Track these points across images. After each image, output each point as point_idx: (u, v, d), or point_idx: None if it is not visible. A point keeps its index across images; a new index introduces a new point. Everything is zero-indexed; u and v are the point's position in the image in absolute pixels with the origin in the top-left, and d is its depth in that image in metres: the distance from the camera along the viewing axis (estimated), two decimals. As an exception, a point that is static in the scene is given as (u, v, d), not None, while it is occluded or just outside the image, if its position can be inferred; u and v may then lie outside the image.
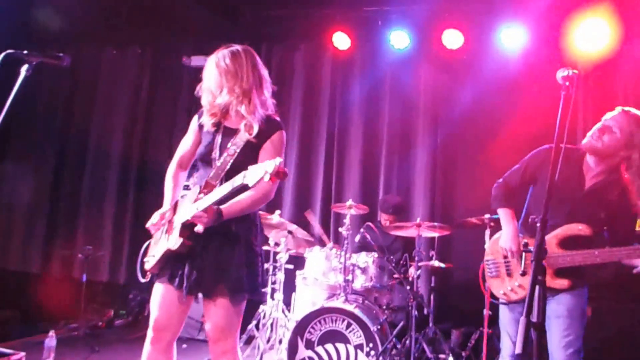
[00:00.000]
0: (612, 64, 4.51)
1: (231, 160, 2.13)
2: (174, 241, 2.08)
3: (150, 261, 2.17)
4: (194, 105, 5.63)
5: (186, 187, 2.43)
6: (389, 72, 5.18)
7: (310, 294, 4.02)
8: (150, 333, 2.18)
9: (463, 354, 3.88)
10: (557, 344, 2.29)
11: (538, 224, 1.72)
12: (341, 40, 5.12)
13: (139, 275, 2.24)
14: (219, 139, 2.19)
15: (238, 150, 2.13)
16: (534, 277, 1.65)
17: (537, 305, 1.63)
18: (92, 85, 5.94)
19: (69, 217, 5.80)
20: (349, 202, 3.85)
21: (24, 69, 1.97)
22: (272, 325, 4.17)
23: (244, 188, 1.96)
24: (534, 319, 1.60)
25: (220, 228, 2.08)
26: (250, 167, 1.87)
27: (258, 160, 2.13)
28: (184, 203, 2.20)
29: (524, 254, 2.02)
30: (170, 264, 2.14)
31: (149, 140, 5.86)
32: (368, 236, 3.70)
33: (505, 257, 2.47)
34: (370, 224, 3.78)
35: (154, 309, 2.17)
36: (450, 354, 3.79)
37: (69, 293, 5.15)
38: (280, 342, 4.07)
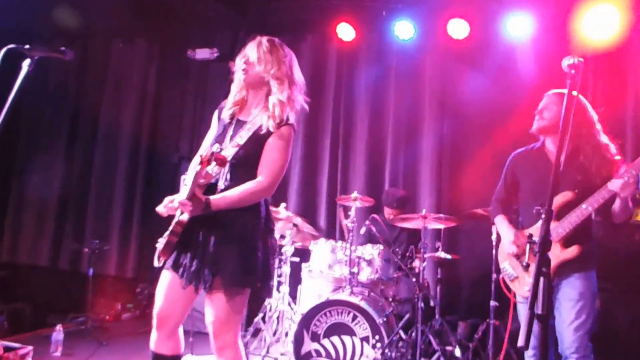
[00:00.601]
0: (622, 51, 4.43)
1: (235, 152, 2.13)
2: (166, 236, 2.08)
3: (160, 242, 2.12)
4: (200, 98, 5.71)
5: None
6: (394, 63, 5.13)
7: (316, 286, 4.02)
8: (154, 320, 2.18)
9: (470, 345, 3.86)
10: (567, 325, 2.36)
11: (543, 215, 1.70)
12: (346, 32, 5.08)
13: (155, 259, 2.22)
14: (231, 130, 2.20)
15: (242, 142, 2.13)
16: (538, 268, 1.62)
17: (542, 297, 1.61)
18: (100, 79, 5.95)
19: (77, 211, 5.84)
20: (354, 194, 3.84)
21: (25, 64, 1.94)
22: (278, 318, 4.18)
23: (238, 181, 2.06)
24: (538, 310, 1.58)
25: (221, 219, 2.08)
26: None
27: (262, 152, 2.13)
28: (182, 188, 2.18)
29: (528, 245, 2.03)
30: (176, 251, 2.13)
31: (157, 135, 5.87)
32: (373, 228, 3.68)
33: (517, 256, 2.58)
34: (375, 216, 3.75)
35: (158, 296, 2.17)
36: (457, 346, 3.78)
37: (76, 287, 5.20)
38: (287, 334, 4.08)
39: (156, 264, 2.16)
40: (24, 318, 4.72)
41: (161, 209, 2.14)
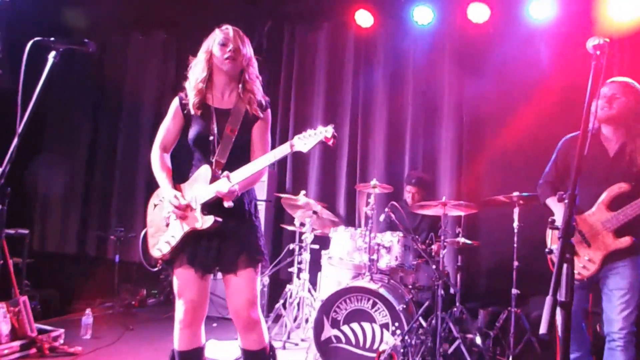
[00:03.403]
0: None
1: (233, 138, 2.21)
2: (205, 221, 2.12)
3: (164, 249, 2.20)
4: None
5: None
6: (413, 48, 5.07)
7: (336, 273, 4.05)
8: (182, 317, 2.22)
9: (491, 333, 3.85)
10: (617, 313, 2.47)
11: (566, 200, 1.67)
12: (364, 18, 5.04)
13: (145, 264, 2.28)
14: (214, 121, 2.24)
15: (237, 129, 2.23)
16: (561, 255, 1.60)
17: (565, 284, 1.59)
18: (120, 71, 6.05)
19: (102, 200, 5.98)
20: (374, 182, 3.83)
21: (51, 56, 2.00)
22: (298, 304, 4.24)
23: (236, 164, 2.15)
24: (561, 297, 1.57)
25: (234, 207, 2.14)
26: (298, 137, 2.07)
27: (252, 138, 2.26)
28: (195, 185, 2.23)
29: (550, 231, 2.04)
30: (188, 247, 2.19)
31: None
32: (393, 215, 3.68)
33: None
34: (395, 203, 3.74)
35: (183, 293, 2.21)
36: (478, 334, 3.77)
37: (103, 273, 5.34)
38: (307, 321, 4.14)
39: (151, 269, 2.25)
40: (54, 303, 4.88)
41: (176, 211, 2.17)
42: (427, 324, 3.56)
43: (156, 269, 2.28)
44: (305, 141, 2.07)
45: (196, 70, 2.29)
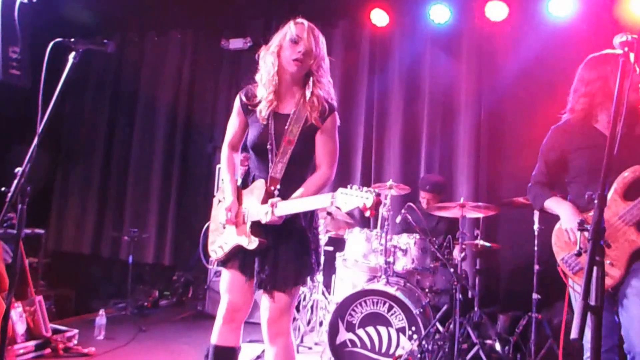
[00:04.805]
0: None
1: (290, 151, 2.09)
2: (250, 242, 2.09)
3: (217, 252, 2.21)
4: (233, 88, 5.72)
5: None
6: (429, 48, 4.99)
7: (351, 276, 3.98)
8: (223, 313, 2.22)
9: (511, 339, 3.74)
10: (637, 323, 2.02)
11: (595, 201, 1.58)
12: (379, 17, 4.99)
13: (204, 261, 2.29)
14: (272, 126, 2.12)
15: (295, 139, 2.09)
16: (591, 257, 1.52)
17: (596, 288, 1.51)
18: (136, 71, 6.07)
19: (116, 201, 6.00)
20: (390, 182, 3.76)
21: (71, 56, 2.02)
22: (312, 307, 4.18)
23: (292, 177, 2.09)
24: (592, 302, 1.49)
25: (288, 222, 2.09)
26: (341, 191, 1.86)
27: (316, 147, 2.12)
28: (250, 197, 2.18)
29: (578, 232, 1.87)
30: (240, 254, 2.17)
31: (192, 125, 5.95)
32: (409, 217, 3.60)
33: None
34: (411, 204, 3.67)
35: (226, 293, 2.21)
36: (497, 340, 3.66)
37: (117, 274, 5.35)
38: (321, 324, 4.08)
39: (208, 265, 2.24)
40: (69, 303, 4.90)
41: (228, 220, 2.15)
42: (445, 328, 3.48)
43: (211, 267, 2.29)
44: (347, 200, 1.85)
45: (267, 64, 2.12)
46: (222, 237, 2.22)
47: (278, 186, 2.10)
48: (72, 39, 2.03)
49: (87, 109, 6.20)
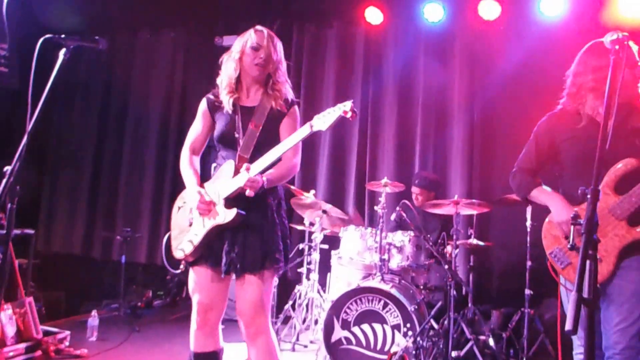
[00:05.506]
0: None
1: (257, 135, 2.18)
2: (227, 214, 2.08)
3: (186, 248, 2.17)
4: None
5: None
6: (423, 46, 5.01)
7: (346, 273, 3.98)
8: (195, 317, 2.20)
9: (504, 335, 3.78)
10: (615, 324, 2.00)
11: (589, 196, 1.59)
12: (374, 15, 4.99)
13: (169, 267, 2.26)
14: (239, 117, 2.22)
15: (261, 125, 2.20)
16: (584, 251, 1.53)
17: (589, 280, 1.52)
18: (128, 69, 6.03)
19: (108, 200, 5.95)
20: (384, 180, 3.77)
21: (62, 53, 1.99)
22: (307, 305, 4.18)
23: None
24: (585, 294, 1.50)
25: (258, 203, 2.10)
26: (316, 117, 2.03)
27: (280, 134, 2.23)
28: (217, 181, 2.19)
29: (572, 227, 1.84)
30: (208, 246, 2.15)
31: (185, 123, 5.90)
32: (404, 214, 3.61)
33: (568, 236, 2.14)
34: (406, 202, 3.68)
35: (196, 293, 2.19)
36: (491, 335, 3.69)
37: (109, 274, 5.31)
38: (316, 322, 4.08)
39: (175, 270, 2.22)
40: (60, 305, 4.85)
41: (202, 207, 2.14)
42: (439, 325, 3.49)
43: (179, 271, 2.25)
44: (324, 119, 2.02)
45: (227, 69, 2.28)
46: (190, 232, 2.19)
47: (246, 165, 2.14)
48: (63, 36, 2.00)
49: (77, 108, 6.14)
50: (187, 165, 2.29)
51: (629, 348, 1.97)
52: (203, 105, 2.35)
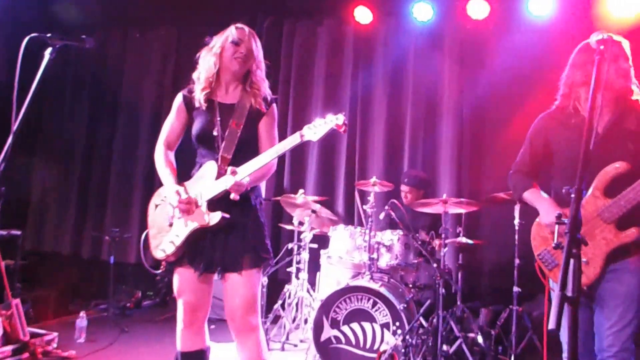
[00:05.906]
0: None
1: (238, 134, 2.17)
2: (212, 217, 2.07)
3: (168, 249, 2.15)
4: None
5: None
6: (413, 45, 5.01)
7: (335, 273, 3.99)
8: (182, 317, 2.19)
9: (492, 332, 3.81)
10: (608, 326, 2.01)
11: (573, 195, 1.60)
12: (363, 15, 5.00)
13: (148, 267, 2.24)
14: (217, 115, 2.21)
15: (242, 124, 2.19)
16: (568, 250, 1.54)
17: (572, 279, 1.53)
18: (118, 68, 5.96)
19: (98, 200, 5.89)
20: (373, 179, 3.78)
21: (47, 52, 1.98)
22: (297, 304, 4.18)
23: (245, 159, 2.09)
24: (568, 293, 1.51)
25: (241, 203, 2.09)
26: (307, 127, 2.03)
27: (259, 132, 2.24)
28: (200, 181, 2.17)
29: (556, 226, 1.86)
30: (190, 246, 2.14)
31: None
32: (393, 213, 3.63)
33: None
34: (395, 201, 3.69)
35: (182, 293, 2.18)
36: (479, 333, 3.72)
37: (98, 274, 5.26)
38: (306, 321, 4.08)
39: (155, 271, 2.21)
40: (48, 306, 4.80)
41: (177, 204, 2.12)
42: (429, 323, 3.51)
43: (159, 272, 2.23)
44: (315, 130, 2.03)
45: (206, 64, 2.25)
46: (171, 233, 2.16)
47: (228, 166, 2.13)
48: (49, 34, 1.97)
49: (66, 107, 6.07)
50: (163, 162, 2.28)
51: (622, 350, 1.98)
52: (178, 100, 2.32)
